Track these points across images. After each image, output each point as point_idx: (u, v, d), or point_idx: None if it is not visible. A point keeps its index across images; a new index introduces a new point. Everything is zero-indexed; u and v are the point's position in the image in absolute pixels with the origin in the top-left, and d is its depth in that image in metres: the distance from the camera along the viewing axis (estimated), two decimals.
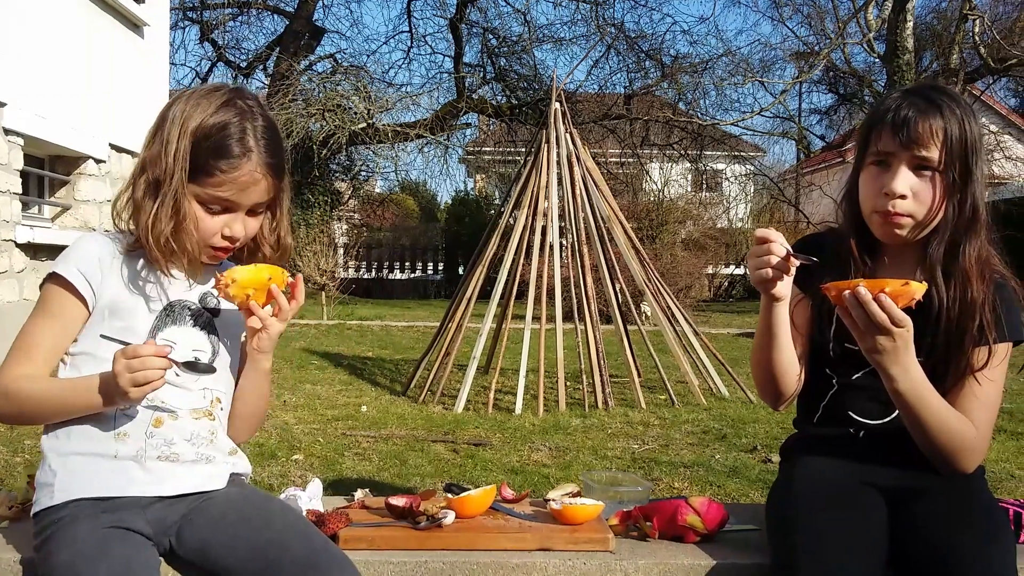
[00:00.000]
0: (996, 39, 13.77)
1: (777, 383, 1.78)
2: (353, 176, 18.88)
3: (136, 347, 1.43)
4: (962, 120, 1.66)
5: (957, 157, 1.65)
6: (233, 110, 1.56)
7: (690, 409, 5.69)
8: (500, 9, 17.64)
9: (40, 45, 6.09)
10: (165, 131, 1.55)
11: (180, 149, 1.53)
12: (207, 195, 1.55)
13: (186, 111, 1.55)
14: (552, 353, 5.84)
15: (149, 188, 1.55)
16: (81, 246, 1.59)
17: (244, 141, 1.55)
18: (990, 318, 1.66)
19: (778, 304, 1.69)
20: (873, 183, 1.71)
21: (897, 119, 1.66)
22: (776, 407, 1.85)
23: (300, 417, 5.20)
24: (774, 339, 1.73)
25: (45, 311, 1.57)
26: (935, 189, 1.66)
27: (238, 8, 17.84)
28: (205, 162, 1.53)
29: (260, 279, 1.58)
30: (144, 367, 1.41)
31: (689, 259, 13.35)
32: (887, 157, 1.68)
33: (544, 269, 5.97)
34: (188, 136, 1.53)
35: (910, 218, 1.68)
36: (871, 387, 1.72)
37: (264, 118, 1.59)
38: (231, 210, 1.58)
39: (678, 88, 16.75)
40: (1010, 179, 19.42)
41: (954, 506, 1.65)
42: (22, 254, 5.94)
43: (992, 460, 4.23)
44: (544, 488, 3.26)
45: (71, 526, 1.48)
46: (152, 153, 1.55)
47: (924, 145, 1.64)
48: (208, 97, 1.57)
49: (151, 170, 1.55)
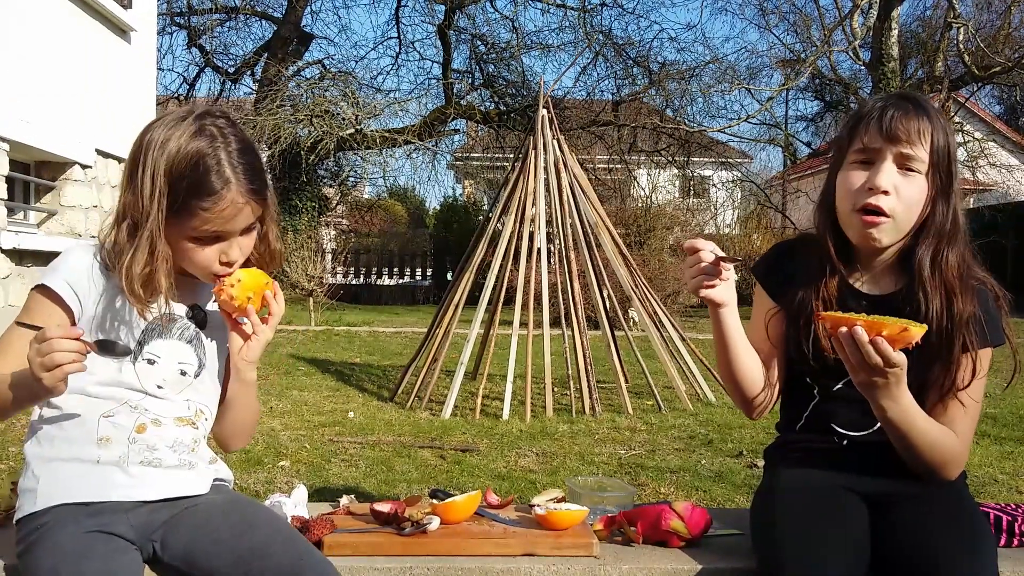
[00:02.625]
0: (980, 47, 13.90)
1: (743, 390, 1.77)
2: (341, 182, 18.88)
3: (44, 330, 1.38)
4: (945, 129, 1.68)
5: (942, 163, 1.66)
6: (204, 139, 1.51)
7: (677, 414, 5.70)
8: (488, 15, 17.71)
9: (26, 50, 6.07)
10: (138, 174, 1.51)
11: (155, 192, 1.49)
12: (194, 232, 1.53)
13: (155, 150, 1.50)
14: (539, 359, 5.84)
15: (129, 231, 1.52)
16: (71, 257, 1.59)
17: (221, 173, 1.50)
18: (974, 328, 1.67)
19: (723, 311, 1.70)
20: (855, 181, 1.69)
21: (885, 116, 1.66)
22: (750, 415, 1.83)
23: (287, 423, 5.19)
24: (728, 346, 1.74)
25: (26, 317, 1.57)
26: (918, 191, 1.66)
27: (226, 13, 17.81)
28: (186, 203, 1.49)
29: (260, 283, 1.58)
30: (52, 350, 1.35)
31: (676, 265, 13.36)
32: (872, 154, 1.67)
33: (532, 275, 5.98)
34: (162, 177, 1.49)
35: (890, 219, 1.66)
36: (853, 398, 1.71)
37: (237, 139, 1.55)
38: (223, 238, 1.56)
39: (665, 95, 16.82)
40: (994, 186, 19.61)
41: (936, 512, 1.65)
42: (7, 260, 5.91)
43: (975, 464, 4.26)
44: (531, 494, 3.26)
45: (54, 531, 1.48)
46: (129, 199, 1.53)
47: (911, 142, 1.64)
48: (176, 128, 1.52)
49: (131, 214, 1.52)
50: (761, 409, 1.82)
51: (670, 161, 17.92)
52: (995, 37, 16.14)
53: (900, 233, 1.69)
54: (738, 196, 21.70)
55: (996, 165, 18.56)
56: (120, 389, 1.56)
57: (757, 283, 1.88)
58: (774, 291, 1.83)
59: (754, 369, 1.77)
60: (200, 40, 18.04)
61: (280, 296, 1.62)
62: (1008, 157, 20.43)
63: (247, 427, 1.77)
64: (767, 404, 1.82)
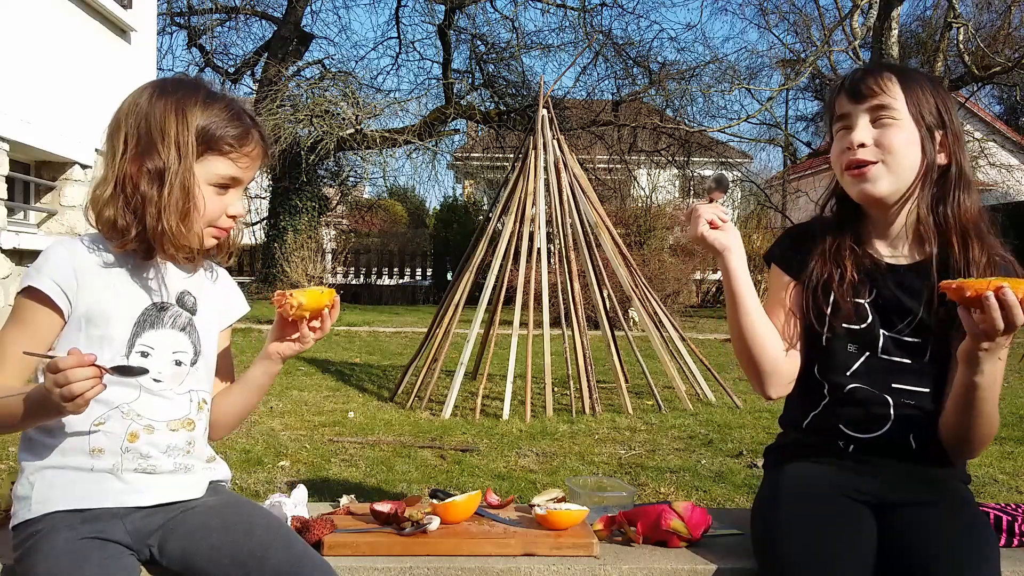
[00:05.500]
0: (980, 47, 13.89)
1: (755, 356, 1.73)
2: (341, 182, 18.87)
3: (57, 360, 1.34)
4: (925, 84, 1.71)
5: (924, 107, 1.69)
6: (214, 90, 1.61)
7: (677, 414, 5.70)
8: (488, 15, 17.74)
9: (26, 50, 6.07)
10: (153, 122, 1.54)
11: (182, 134, 1.53)
12: (216, 175, 1.58)
13: (168, 101, 1.55)
14: (539, 359, 5.84)
15: (152, 179, 1.53)
16: (54, 255, 1.55)
17: (243, 118, 1.60)
18: None
19: (729, 256, 1.70)
20: (837, 147, 1.75)
21: (848, 81, 1.74)
22: (764, 391, 1.78)
23: (287, 423, 5.18)
24: (737, 301, 1.72)
25: (16, 322, 1.54)
26: (903, 136, 1.68)
27: (226, 14, 17.82)
28: (217, 141, 1.56)
29: (321, 304, 1.67)
30: (68, 381, 1.33)
31: (676, 265, 13.37)
32: (848, 120, 1.73)
33: (532, 275, 5.98)
34: (191, 121, 1.54)
35: (876, 163, 1.69)
36: (863, 400, 1.71)
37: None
38: (237, 185, 1.62)
39: (665, 95, 16.83)
40: (994, 186, 19.59)
41: (941, 515, 1.63)
42: (7, 260, 5.91)
43: (975, 464, 4.26)
44: (531, 494, 3.26)
45: (49, 538, 1.47)
46: (142, 146, 1.53)
47: (875, 95, 1.69)
48: (182, 86, 1.59)
49: (148, 161, 1.53)
50: (776, 383, 1.77)
51: (670, 161, 17.93)
52: (995, 37, 16.14)
53: (895, 179, 1.70)
54: (738, 196, 21.71)
55: (996, 165, 18.57)
56: (113, 388, 1.51)
57: (773, 265, 1.86)
58: (793, 270, 1.81)
59: (768, 332, 1.74)
60: (200, 40, 18.06)
61: (336, 311, 1.71)
62: (1008, 157, 20.43)
63: (243, 414, 1.79)
64: (784, 377, 1.77)
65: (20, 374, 1.52)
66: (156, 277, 1.62)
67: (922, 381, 1.72)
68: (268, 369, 1.73)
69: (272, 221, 17.06)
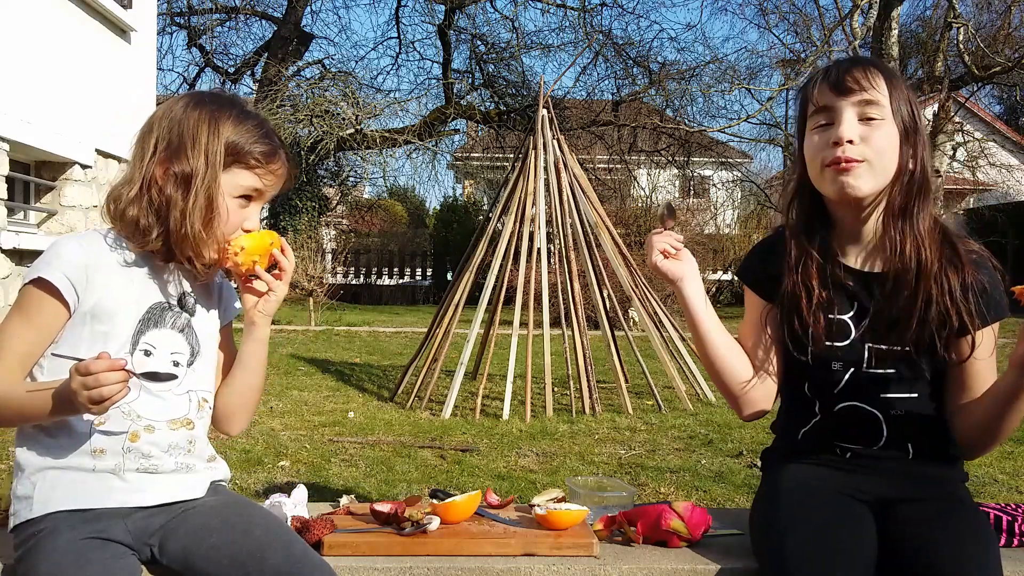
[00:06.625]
0: (980, 47, 13.88)
1: (723, 381, 1.76)
2: (341, 182, 18.89)
3: (88, 363, 1.34)
4: (899, 81, 1.66)
5: (903, 108, 1.64)
6: (248, 109, 1.65)
7: (677, 414, 5.70)
8: (488, 15, 17.75)
9: (26, 50, 6.06)
10: (185, 128, 1.57)
11: (212, 144, 1.56)
12: (240, 186, 1.60)
13: (203, 111, 1.58)
14: (539, 359, 5.85)
15: (179, 183, 1.55)
16: (64, 249, 1.54)
17: (272, 137, 1.64)
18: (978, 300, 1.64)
19: (683, 285, 1.72)
20: (819, 141, 1.66)
21: (832, 72, 1.66)
22: (738, 412, 1.80)
23: (287, 423, 5.19)
24: (698, 329, 1.74)
25: (22, 313, 1.53)
26: (888, 138, 1.63)
27: (226, 14, 17.82)
28: (245, 155, 1.59)
29: (264, 244, 1.65)
30: (99, 384, 1.33)
31: None
32: (830, 114, 1.65)
33: (531, 275, 5.98)
34: (222, 132, 1.57)
35: (863, 162, 1.62)
36: (855, 418, 1.70)
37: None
38: (254, 202, 1.64)
39: (665, 95, 16.83)
40: (994, 186, 19.60)
41: (942, 515, 1.63)
42: (7, 260, 5.91)
43: (975, 464, 4.25)
44: (531, 494, 3.26)
45: (50, 538, 1.47)
46: (172, 150, 1.56)
47: (862, 89, 1.63)
48: (218, 99, 1.63)
49: (176, 165, 1.55)
50: (747, 405, 1.78)
51: (670, 161, 17.94)
52: (995, 37, 16.12)
53: (877, 180, 1.65)
54: (738, 196, 21.70)
55: (996, 165, 18.54)
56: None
57: (746, 287, 1.86)
58: (765, 293, 1.80)
59: (731, 359, 1.75)
60: (200, 40, 18.06)
61: (288, 251, 1.70)
62: (1008, 157, 20.41)
63: (253, 398, 1.77)
64: (756, 403, 1.78)
65: (22, 367, 1.52)
66: (164, 278, 1.63)
67: (913, 387, 1.70)
68: (255, 335, 1.72)
69: (272, 221, 17.07)
